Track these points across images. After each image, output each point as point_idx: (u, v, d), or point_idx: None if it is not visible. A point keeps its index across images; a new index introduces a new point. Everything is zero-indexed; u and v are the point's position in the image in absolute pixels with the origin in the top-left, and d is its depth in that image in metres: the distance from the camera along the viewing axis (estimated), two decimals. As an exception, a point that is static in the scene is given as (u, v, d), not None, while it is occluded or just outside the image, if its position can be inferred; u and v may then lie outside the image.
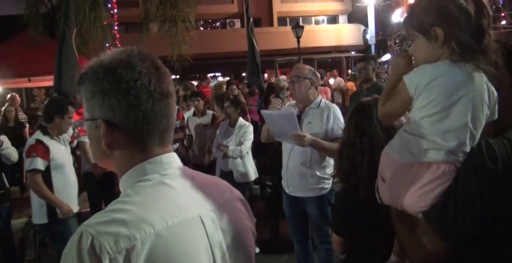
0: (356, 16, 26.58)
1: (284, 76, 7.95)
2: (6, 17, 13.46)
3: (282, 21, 26.98)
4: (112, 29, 11.84)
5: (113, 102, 1.06)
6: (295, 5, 26.64)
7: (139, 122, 1.08)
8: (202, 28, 26.21)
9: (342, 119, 3.64)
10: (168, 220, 1.02)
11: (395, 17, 21.25)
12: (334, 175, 2.33)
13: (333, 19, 28.65)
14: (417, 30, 1.51)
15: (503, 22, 16.62)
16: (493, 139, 1.45)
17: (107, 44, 11.49)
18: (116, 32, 12.02)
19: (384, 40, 23.79)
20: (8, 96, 9.14)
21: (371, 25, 24.54)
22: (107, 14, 11.78)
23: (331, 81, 12.54)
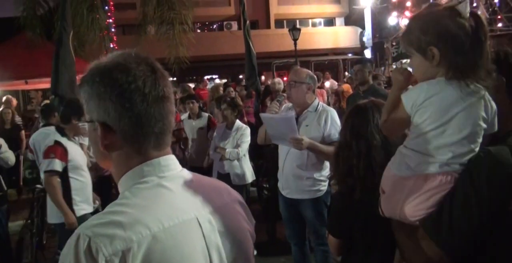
0: (353, 19, 26.65)
1: (279, 79, 7.93)
2: (4, 19, 13.47)
3: (279, 24, 27.02)
4: (110, 32, 11.85)
5: (108, 105, 1.07)
6: (292, 8, 26.69)
7: (133, 125, 1.08)
8: (199, 30, 26.26)
9: (339, 123, 3.65)
10: (165, 222, 1.02)
11: (392, 20, 21.35)
12: (331, 177, 2.33)
13: (330, 22, 28.72)
14: (414, 48, 1.53)
15: (500, 25, 16.66)
16: (494, 147, 1.46)
17: (105, 46, 11.50)
18: (113, 35, 12.04)
19: (381, 43, 23.84)
20: (4, 99, 9.10)
21: (368, 28, 24.64)
22: (105, 17, 11.80)
23: (327, 84, 12.55)
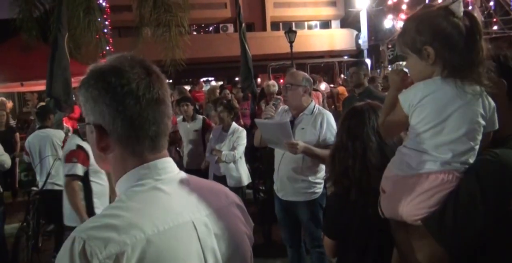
0: (349, 21, 26.69)
1: (274, 81, 7.93)
2: (-1, 21, 13.42)
3: (275, 26, 27.06)
4: (106, 34, 11.84)
5: (102, 108, 1.08)
6: (288, 10, 26.73)
7: (127, 128, 1.08)
8: (196, 33, 26.25)
9: (335, 126, 3.66)
10: (160, 226, 1.02)
11: (388, 22, 21.40)
12: (327, 179, 2.34)
13: (326, 24, 28.78)
14: (409, 49, 1.54)
15: (495, 28, 16.74)
16: (500, 150, 1.47)
17: (100, 49, 11.49)
18: (109, 37, 12.03)
19: (377, 45, 23.89)
20: None
21: (364, 30, 24.68)
22: (102, 19, 11.79)
23: (322, 87, 12.56)
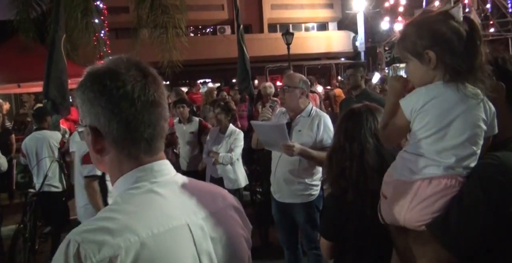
0: (346, 23, 26.77)
1: (270, 83, 7.95)
2: (-3, 22, 13.39)
3: (272, 28, 27.08)
4: (104, 35, 11.83)
5: (98, 110, 1.08)
6: (286, 12, 26.78)
7: (122, 130, 1.08)
8: (193, 34, 26.22)
9: (332, 128, 3.66)
10: (154, 229, 1.02)
11: (384, 25, 21.46)
12: (324, 180, 2.35)
13: (323, 26, 28.84)
14: (410, 53, 1.54)
15: (492, 30, 16.79)
16: (501, 153, 1.46)
17: (98, 50, 11.48)
18: (106, 38, 12.02)
19: (374, 47, 23.93)
20: None
21: (361, 32, 24.78)
22: (99, 20, 11.78)
23: (319, 89, 12.59)
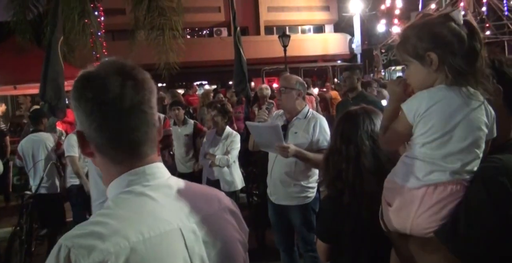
0: (342, 26, 26.83)
1: (266, 85, 7.97)
2: (-7, 24, 13.34)
3: (269, 30, 27.13)
4: (100, 37, 11.82)
5: (82, 116, 1.08)
6: (282, 14, 26.82)
7: (102, 136, 1.08)
8: (189, 36, 26.23)
9: (328, 130, 3.66)
10: (145, 233, 1.00)
11: (381, 27, 21.54)
12: (320, 182, 2.35)
13: (320, 29, 28.89)
14: (411, 56, 1.53)
15: (488, 33, 16.86)
16: (502, 155, 1.46)
17: (94, 52, 11.46)
18: (103, 40, 12.00)
19: (370, 50, 23.97)
20: None
21: (357, 35, 24.84)
22: (96, 22, 11.76)
23: (316, 91, 12.61)
